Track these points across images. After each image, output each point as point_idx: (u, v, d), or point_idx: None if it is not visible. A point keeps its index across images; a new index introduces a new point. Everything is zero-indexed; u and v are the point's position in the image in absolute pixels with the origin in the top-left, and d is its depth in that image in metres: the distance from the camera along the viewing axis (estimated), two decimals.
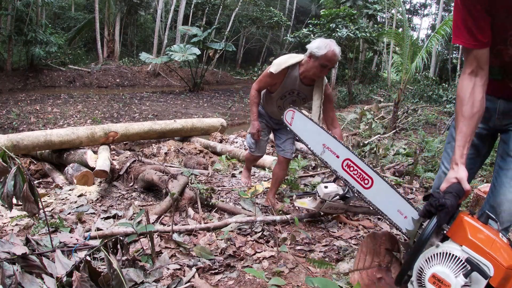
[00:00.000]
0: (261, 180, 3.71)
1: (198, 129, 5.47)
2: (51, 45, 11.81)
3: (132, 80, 15.08)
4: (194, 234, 2.25)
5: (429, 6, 30.30)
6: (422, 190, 3.54)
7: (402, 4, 10.39)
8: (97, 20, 15.43)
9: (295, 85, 2.57)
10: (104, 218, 2.57)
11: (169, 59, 12.53)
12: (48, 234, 1.73)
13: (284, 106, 2.64)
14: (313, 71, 2.43)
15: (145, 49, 17.89)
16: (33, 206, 1.42)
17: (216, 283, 1.78)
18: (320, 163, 4.32)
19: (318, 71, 2.41)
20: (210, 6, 18.49)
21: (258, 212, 2.69)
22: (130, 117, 8.39)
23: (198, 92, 14.05)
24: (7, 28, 11.74)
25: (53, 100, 9.85)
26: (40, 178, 3.78)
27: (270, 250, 2.10)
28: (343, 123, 7.71)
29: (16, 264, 1.33)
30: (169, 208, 2.64)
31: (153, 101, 11.12)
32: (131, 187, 3.29)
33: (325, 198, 2.35)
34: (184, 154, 4.56)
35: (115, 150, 4.65)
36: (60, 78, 13.20)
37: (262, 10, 19.73)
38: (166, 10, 18.97)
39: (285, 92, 2.62)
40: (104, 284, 1.37)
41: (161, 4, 16.28)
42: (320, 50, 2.33)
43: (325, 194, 2.36)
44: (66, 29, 17.05)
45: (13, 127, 6.62)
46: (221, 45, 13.75)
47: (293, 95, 2.64)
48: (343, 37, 11.71)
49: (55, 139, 3.89)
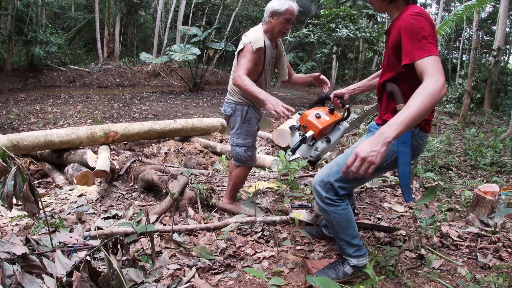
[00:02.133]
0: (261, 180, 3.71)
1: (198, 129, 5.47)
2: (51, 45, 11.81)
3: (132, 80, 15.07)
4: (194, 234, 2.25)
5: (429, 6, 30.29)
6: (422, 190, 3.54)
7: None
8: (97, 20, 15.43)
9: (272, 52, 2.53)
10: (104, 218, 2.57)
11: (169, 59, 12.51)
12: (48, 234, 1.73)
13: (268, 80, 2.60)
14: (278, 28, 2.42)
15: (145, 49, 17.89)
16: (33, 206, 1.42)
17: (216, 283, 1.78)
18: (320, 163, 4.32)
19: (283, 27, 2.43)
20: (210, 6, 18.49)
21: (258, 212, 2.69)
22: (130, 117, 8.38)
23: (198, 92, 14.05)
24: (7, 28, 11.73)
25: (53, 100, 9.85)
26: (40, 178, 3.78)
27: (270, 250, 2.10)
28: None
29: (16, 264, 1.33)
30: (169, 208, 2.64)
31: (153, 101, 11.11)
32: (131, 187, 3.29)
33: (320, 213, 2.36)
34: (184, 154, 4.56)
35: (115, 150, 4.65)
36: (60, 78, 13.20)
37: (262, 10, 19.70)
38: (166, 10, 18.96)
39: (268, 63, 2.52)
40: (104, 284, 1.37)
41: (161, 4, 16.27)
42: (282, 6, 2.37)
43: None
44: (66, 29, 17.05)
45: (13, 127, 6.62)
46: (221, 45, 13.74)
47: (271, 64, 2.58)
48: (343, 37, 11.70)
49: (55, 139, 3.89)
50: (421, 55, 1.41)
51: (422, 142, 1.70)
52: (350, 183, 1.74)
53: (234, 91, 2.55)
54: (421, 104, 1.33)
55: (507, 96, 12.82)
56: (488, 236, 2.45)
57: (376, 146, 1.33)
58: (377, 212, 2.89)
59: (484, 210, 2.73)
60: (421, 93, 1.34)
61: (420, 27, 1.44)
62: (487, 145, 5.89)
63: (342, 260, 1.88)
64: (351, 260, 1.83)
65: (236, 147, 2.59)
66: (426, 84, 1.35)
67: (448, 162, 4.70)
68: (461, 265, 2.08)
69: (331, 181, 1.72)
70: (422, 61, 1.40)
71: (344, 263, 1.86)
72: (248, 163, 2.64)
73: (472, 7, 6.95)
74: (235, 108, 2.54)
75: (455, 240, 2.38)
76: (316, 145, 1.95)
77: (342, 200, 1.75)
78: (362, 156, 1.34)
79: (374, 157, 1.33)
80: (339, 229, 1.78)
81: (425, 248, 2.22)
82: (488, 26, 21.38)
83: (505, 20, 11.67)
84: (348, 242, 1.80)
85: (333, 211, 1.75)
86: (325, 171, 1.77)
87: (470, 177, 4.34)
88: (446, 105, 12.04)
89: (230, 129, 2.63)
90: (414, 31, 1.44)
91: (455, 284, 1.88)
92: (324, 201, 1.74)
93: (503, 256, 2.16)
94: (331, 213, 1.75)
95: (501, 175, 4.41)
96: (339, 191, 1.73)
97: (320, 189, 1.74)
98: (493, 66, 12.28)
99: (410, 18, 1.47)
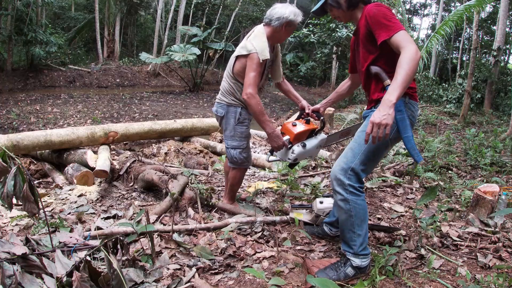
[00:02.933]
0: (261, 180, 3.71)
1: (198, 129, 5.47)
2: (51, 45, 11.82)
3: (132, 80, 15.08)
4: (194, 234, 2.25)
5: (429, 6, 30.30)
6: (422, 190, 3.54)
7: (402, 4, 10.39)
8: (97, 20, 15.43)
9: (271, 55, 2.45)
10: (104, 218, 2.57)
11: (169, 59, 12.52)
12: (48, 234, 1.73)
13: (264, 84, 2.58)
14: (285, 37, 2.45)
15: (145, 49, 17.90)
16: (33, 206, 1.42)
17: (216, 283, 1.78)
18: (319, 163, 4.32)
19: (289, 35, 2.47)
20: (210, 6, 18.49)
21: (258, 212, 2.69)
22: (130, 117, 8.39)
23: (198, 92, 14.05)
24: (7, 28, 11.73)
25: (53, 100, 9.85)
26: (40, 178, 3.78)
27: (270, 250, 2.10)
28: (343, 123, 7.70)
29: (16, 264, 1.33)
30: (169, 208, 2.64)
31: (153, 101, 11.12)
32: (131, 187, 3.29)
33: (319, 213, 2.38)
34: (184, 154, 4.56)
35: (115, 150, 4.65)
36: (60, 78, 13.20)
37: (262, 10, 19.71)
38: (166, 10, 18.96)
39: (267, 67, 2.47)
40: (104, 284, 1.37)
41: (161, 4, 16.28)
42: (298, 17, 2.38)
43: (319, 209, 2.38)
44: (66, 29, 17.06)
45: (13, 127, 6.62)
46: (221, 45, 13.75)
47: (269, 67, 2.51)
48: (343, 37, 11.68)
49: (55, 139, 3.89)
50: (392, 32, 1.68)
51: (414, 109, 1.89)
52: (369, 163, 1.83)
53: (227, 92, 2.48)
54: (407, 68, 1.59)
55: (507, 96, 12.82)
56: (488, 236, 2.45)
57: (385, 110, 1.57)
58: (377, 212, 2.89)
59: (484, 210, 2.73)
60: (403, 61, 1.61)
61: (383, 13, 1.73)
62: (487, 145, 5.89)
63: (345, 260, 1.87)
64: (354, 260, 1.83)
65: (231, 149, 2.54)
66: (404, 53, 1.62)
67: (448, 162, 4.70)
68: (461, 265, 2.08)
69: (351, 166, 1.79)
70: (395, 37, 1.68)
71: (346, 264, 1.86)
72: (244, 164, 2.60)
73: (472, 7, 6.95)
74: (228, 110, 2.48)
75: (455, 240, 2.38)
76: (293, 149, 2.26)
77: (363, 190, 1.83)
78: (377, 122, 1.57)
79: (386, 119, 1.56)
80: (356, 221, 1.81)
81: (425, 248, 2.22)
82: (488, 26, 21.38)
83: (505, 20, 11.67)
84: (361, 236, 1.82)
85: (355, 200, 1.78)
86: (342, 159, 1.84)
87: (470, 177, 4.34)
88: (446, 105, 12.04)
89: (224, 131, 2.58)
90: (381, 16, 1.73)
91: (455, 284, 1.88)
92: (347, 189, 1.78)
93: (503, 256, 2.16)
94: (352, 203, 1.79)
95: (501, 175, 4.41)
96: (361, 175, 1.80)
97: (342, 177, 1.79)
98: (493, 66, 12.28)
99: (373, 9, 1.76)
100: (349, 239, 1.85)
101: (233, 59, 2.42)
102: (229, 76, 2.46)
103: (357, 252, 1.83)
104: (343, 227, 1.88)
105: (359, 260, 1.83)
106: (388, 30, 1.69)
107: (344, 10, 1.92)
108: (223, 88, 2.52)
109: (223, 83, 2.52)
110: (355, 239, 1.83)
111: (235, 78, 2.42)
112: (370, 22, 1.76)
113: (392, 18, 1.72)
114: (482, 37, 21.85)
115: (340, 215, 1.86)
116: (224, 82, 2.52)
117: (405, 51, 1.62)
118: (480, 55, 16.25)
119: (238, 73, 2.39)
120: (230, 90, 2.46)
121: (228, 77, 2.47)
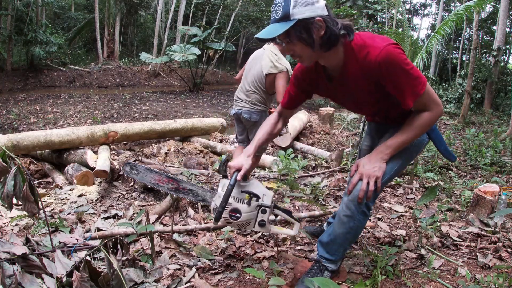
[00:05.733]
0: (261, 180, 3.71)
1: (198, 129, 5.47)
2: (51, 45, 11.82)
3: (132, 80, 15.08)
4: (194, 234, 2.25)
5: (429, 6, 30.32)
6: (422, 190, 3.54)
7: (402, 4, 10.39)
8: (97, 20, 15.43)
9: None
10: (104, 218, 2.56)
11: (169, 59, 12.52)
12: (48, 234, 1.73)
13: None
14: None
15: (145, 49, 17.90)
16: (33, 206, 1.42)
17: (216, 283, 1.78)
18: (319, 163, 4.32)
19: None
20: (210, 6, 18.49)
21: None
22: (130, 117, 8.39)
23: (198, 92, 14.06)
24: (7, 28, 11.73)
25: (53, 100, 9.85)
26: (40, 178, 3.78)
27: (270, 250, 2.10)
28: (343, 123, 7.70)
29: (16, 264, 1.33)
30: (169, 208, 2.64)
31: (153, 101, 11.12)
32: (131, 187, 3.29)
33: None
34: (184, 154, 4.56)
35: (115, 150, 4.65)
36: (60, 78, 13.21)
37: (262, 10, 19.73)
38: (166, 10, 18.97)
39: None
40: (104, 284, 1.37)
41: (161, 4, 16.28)
42: None
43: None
44: (66, 29, 17.06)
45: (13, 127, 6.62)
46: (221, 45, 13.74)
47: None
48: None
49: (55, 139, 3.89)
50: (419, 92, 1.43)
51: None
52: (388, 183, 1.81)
53: (259, 101, 3.02)
54: (417, 132, 1.51)
55: (507, 96, 12.83)
56: (488, 236, 2.45)
57: (377, 163, 1.54)
58: (377, 212, 2.89)
59: (484, 210, 2.73)
60: (419, 123, 1.49)
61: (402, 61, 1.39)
62: (487, 145, 5.90)
63: (321, 267, 1.76)
64: (330, 266, 1.75)
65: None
66: (425, 115, 1.48)
67: (448, 162, 4.70)
68: (461, 265, 2.07)
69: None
70: (420, 99, 1.45)
71: (323, 271, 1.76)
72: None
73: (472, 7, 6.95)
74: (262, 115, 3.02)
75: (455, 240, 2.38)
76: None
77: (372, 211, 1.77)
78: (366, 174, 1.53)
79: (376, 172, 1.52)
80: (350, 238, 1.69)
81: (425, 248, 2.22)
82: (488, 26, 21.39)
83: (505, 20, 11.68)
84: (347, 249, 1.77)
85: (361, 220, 1.64)
86: None
87: (470, 177, 4.34)
88: (446, 105, 12.05)
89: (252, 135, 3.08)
90: (400, 67, 1.39)
91: (455, 284, 1.88)
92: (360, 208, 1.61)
93: (503, 256, 2.16)
94: (357, 222, 1.64)
95: (501, 175, 4.41)
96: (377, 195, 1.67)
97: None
98: (493, 66, 12.29)
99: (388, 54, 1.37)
100: (335, 250, 1.73)
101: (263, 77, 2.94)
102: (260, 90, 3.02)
103: (337, 260, 1.76)
104: (335, 239, 1.71)
105: (334, 266, 1.76)
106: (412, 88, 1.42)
107: (312, 49, 1.43)
108: (255, 98, 3.03)
109: (253, 94, 3.03)
110: (340, 251, 1.73)
111: (266, 91, 3.00)
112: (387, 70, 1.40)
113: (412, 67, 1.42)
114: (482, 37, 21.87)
115: (338, 228, 1.68)
116: (253, 94, 3.03)
117: (428, 113, 1.47)
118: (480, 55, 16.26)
119: (269, 87, 2.98)
120: (261, 100, 3.02)
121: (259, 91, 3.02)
